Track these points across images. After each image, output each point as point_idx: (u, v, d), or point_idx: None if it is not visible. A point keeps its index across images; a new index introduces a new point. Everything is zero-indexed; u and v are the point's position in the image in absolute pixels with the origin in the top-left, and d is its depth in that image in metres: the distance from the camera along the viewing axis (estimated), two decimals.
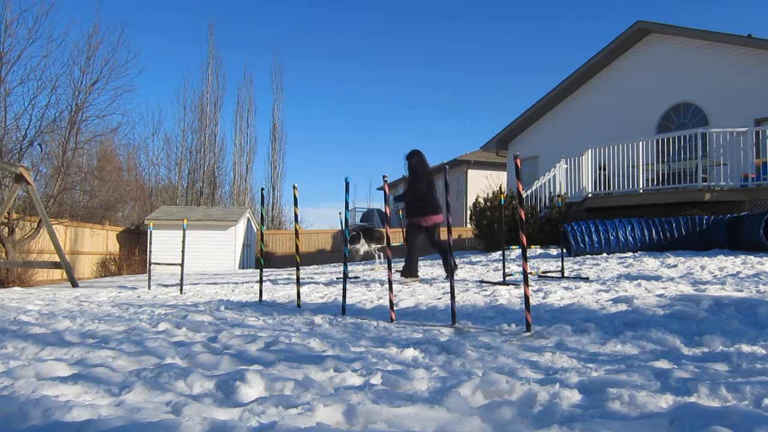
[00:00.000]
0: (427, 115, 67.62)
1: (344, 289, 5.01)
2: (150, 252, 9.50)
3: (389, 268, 4.78)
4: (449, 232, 4.59)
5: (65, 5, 37.29)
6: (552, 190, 14.06)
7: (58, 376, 2.57)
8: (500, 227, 12.04)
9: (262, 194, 6.85)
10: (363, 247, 9.32)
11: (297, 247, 5.85)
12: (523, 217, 3.97)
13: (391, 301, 4.55)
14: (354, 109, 65.84)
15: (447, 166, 4.84)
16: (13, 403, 2.04)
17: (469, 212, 16.84)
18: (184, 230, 8.46)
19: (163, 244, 18.28)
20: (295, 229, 5.97)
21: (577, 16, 62.79)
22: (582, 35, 60.40)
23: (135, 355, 3.08)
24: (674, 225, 9.79)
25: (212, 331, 4.08)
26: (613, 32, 18.61)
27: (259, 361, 2.88)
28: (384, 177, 4.81)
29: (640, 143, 12.47)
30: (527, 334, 3.62)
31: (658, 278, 6.01)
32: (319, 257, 21.90)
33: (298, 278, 5.72)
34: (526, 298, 3.76)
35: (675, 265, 7.14)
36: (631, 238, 9.90)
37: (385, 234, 5.06)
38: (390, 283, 4.66)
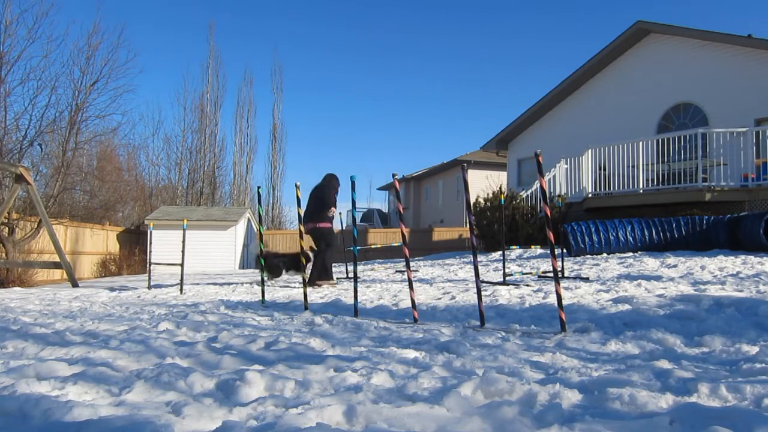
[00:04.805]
0: (427, 115, 67.66)
1: (357, 290, 5.00)
2: (150, 252, 9.49)
3: (408, 268, 4.74)
4: (472, 231, 4.54)
5: (65, 5, 37.30)
6: (552, 190, 14.05)
7: (59, 375, 2.57)
8: (500, 227, 12.03)
9: (258, 193, 6.74)
10: None
11: (302, 248, 5.80)
12: (548, 213, 3.92)
13: (412, 300, 4.41)
14: (354, 110, 65.86)
15: (464, 164, 4.79)
16: (13, 403, 2.04)
17: None
18: (184, 230, 8.46)
19: (163, 244, 18.25)
20: (299, 230, 5.90)
21: (577, 15, 62.81)
22: (582, 35, 60.43)
23: (135, 354, 3.08)
24: (674, 225, 9.78)
25: (213, 330, 4.08)
26: (613, 31, 18.58)
27: (259, 361, 2.89)
28: (394, 175, 4.80)
29: (640, 143, 12.46)
30: (563, 334, 3.58)
31: (658, 278, 6.00)
32: None
33: (304, 280, 5.67)
34: (558, 296, 3.71)
35: (675, 265, 7.14)
36: (631, 238, 9.90)
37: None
38: (410, 281, 4.61)
